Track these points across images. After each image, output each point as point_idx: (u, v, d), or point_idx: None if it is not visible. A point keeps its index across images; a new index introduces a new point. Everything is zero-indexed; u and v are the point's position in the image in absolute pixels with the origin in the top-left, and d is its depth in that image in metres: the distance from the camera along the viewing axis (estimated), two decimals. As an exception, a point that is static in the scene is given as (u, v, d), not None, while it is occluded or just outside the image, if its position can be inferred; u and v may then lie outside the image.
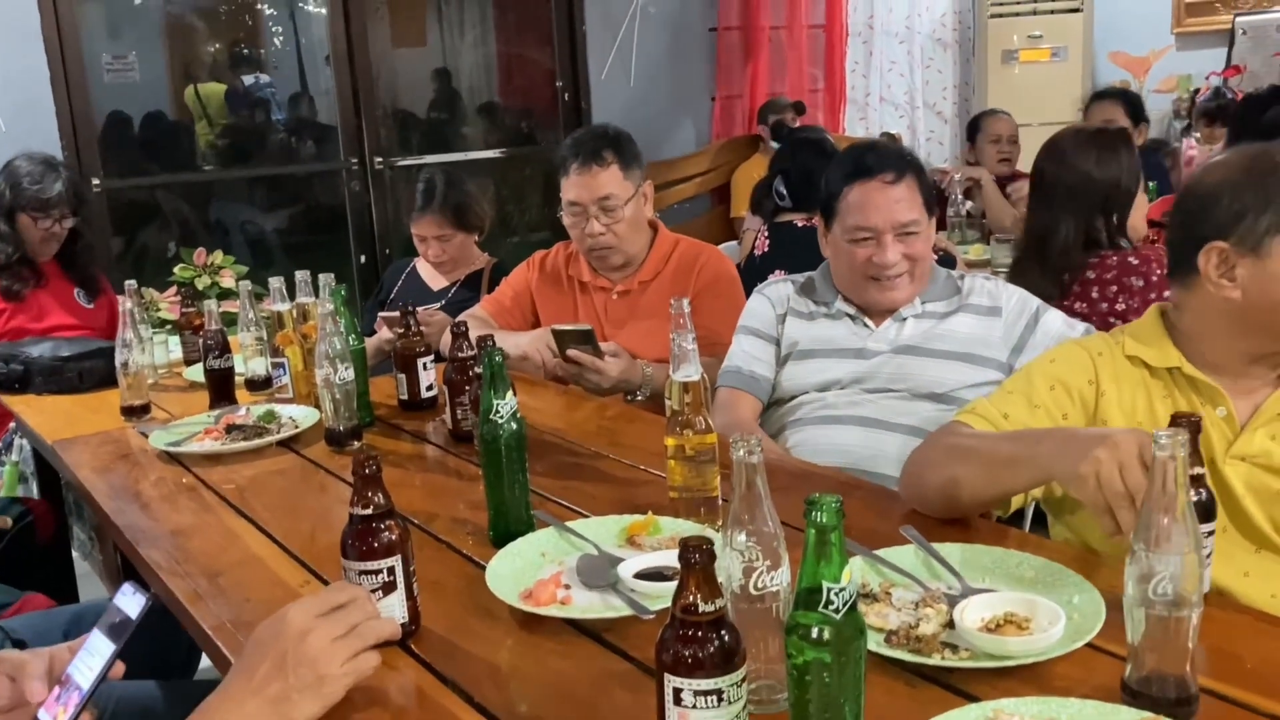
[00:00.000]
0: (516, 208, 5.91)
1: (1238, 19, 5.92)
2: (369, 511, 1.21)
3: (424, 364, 2.17)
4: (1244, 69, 5.83)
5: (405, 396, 2.18)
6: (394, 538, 1.21)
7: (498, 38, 5.82)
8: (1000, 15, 6.26)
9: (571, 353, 2.27)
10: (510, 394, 1.45)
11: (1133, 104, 3.90)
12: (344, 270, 4.99)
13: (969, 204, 3.90)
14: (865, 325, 2.11)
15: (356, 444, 1.96)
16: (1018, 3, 6.25)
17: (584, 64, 5.36)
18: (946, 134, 6.67)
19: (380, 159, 4.97)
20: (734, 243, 4.42)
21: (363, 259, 5.02)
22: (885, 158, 2.06)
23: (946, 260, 2.80)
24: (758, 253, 3.26)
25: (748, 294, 3.19)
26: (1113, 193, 2.38)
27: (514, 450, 1.46)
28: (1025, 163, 4.35)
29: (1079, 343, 1.59)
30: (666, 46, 5.61)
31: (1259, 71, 5.78)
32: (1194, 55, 6.08)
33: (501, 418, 1.44)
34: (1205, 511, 1.21)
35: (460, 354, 1.93)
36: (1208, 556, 1.22)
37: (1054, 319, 2.03)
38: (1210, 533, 1.22)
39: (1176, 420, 1.23)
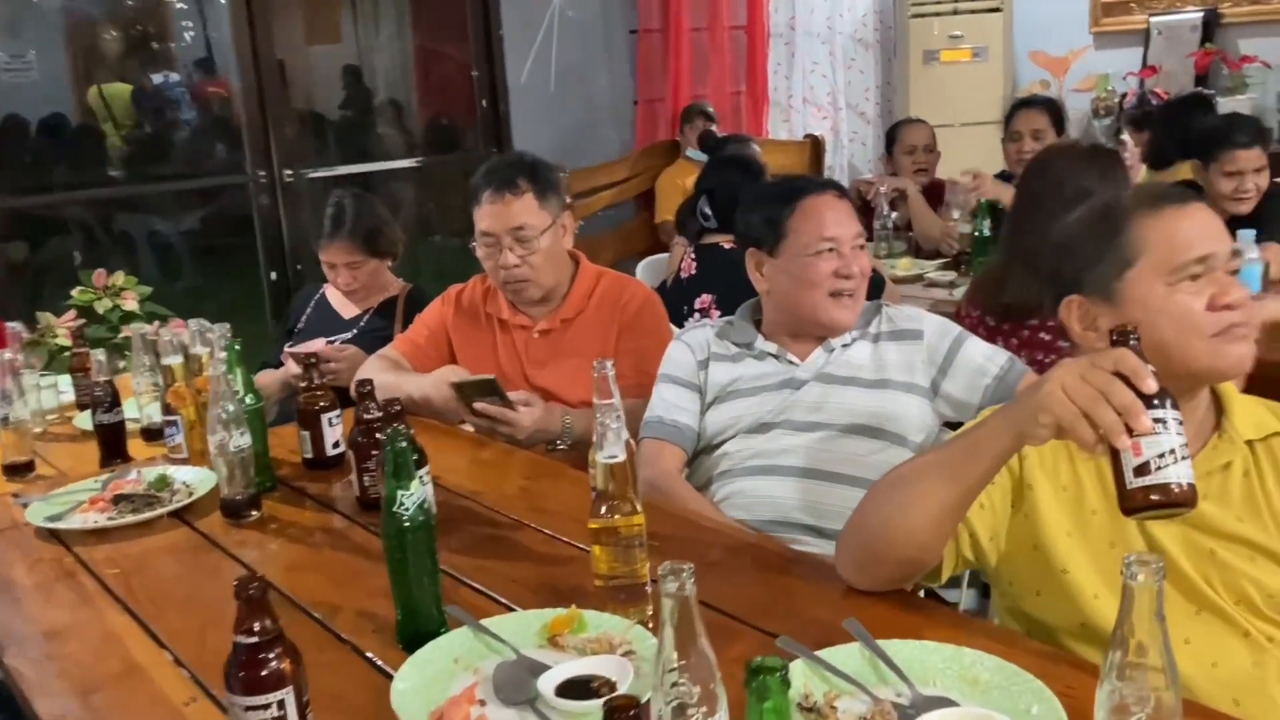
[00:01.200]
0: (437, 217, 5.74)
1: (1152, 19, 5.95)
2: (254, 640, 1.07)
3: (329, 420, 2.02)
4: (1160, 69, 5.87)
5: (310, 455, 2.03)
6: (284, 667, 1.08)
7: (415, 36, 5.64)
8: (921, 15, 6.22)
9: (479, 406, 2.14)
10: (417, 482, 1.32)
11: (1055, 112, 3.85)
12: (254, 290, 4.79)
13: (894, 214, 3.83)
14: (790, 361, 2.04)
15: (255, 514, 1.82)
16: (938, 2, 6.23)
17: (502, 68, 5.20)
18: (870, 135, 6.62)
19: (290, 171, 4.75)
20: (663, 255, 4.30)
21: (273, 276, 4.81)
22: (815, 180, 2.12)
23: (876, 282, 2.72)
24: (684, 275, 3.15)
25: (674, 315, 3.13)
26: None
27: (422, 545, 1.33)
28: (947, 168, 4.32)
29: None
30: (587, 50, 5.47)
31: (1174, 71, 5.83)
32: (1112, 54, 6.11)
33: (406, 510, 1.31)
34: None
35: (366, 415, 1.79)
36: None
37: (974, 348, 1.98)
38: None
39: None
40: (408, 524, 1.31)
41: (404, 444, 1.31)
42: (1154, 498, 1.11)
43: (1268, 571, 1.34)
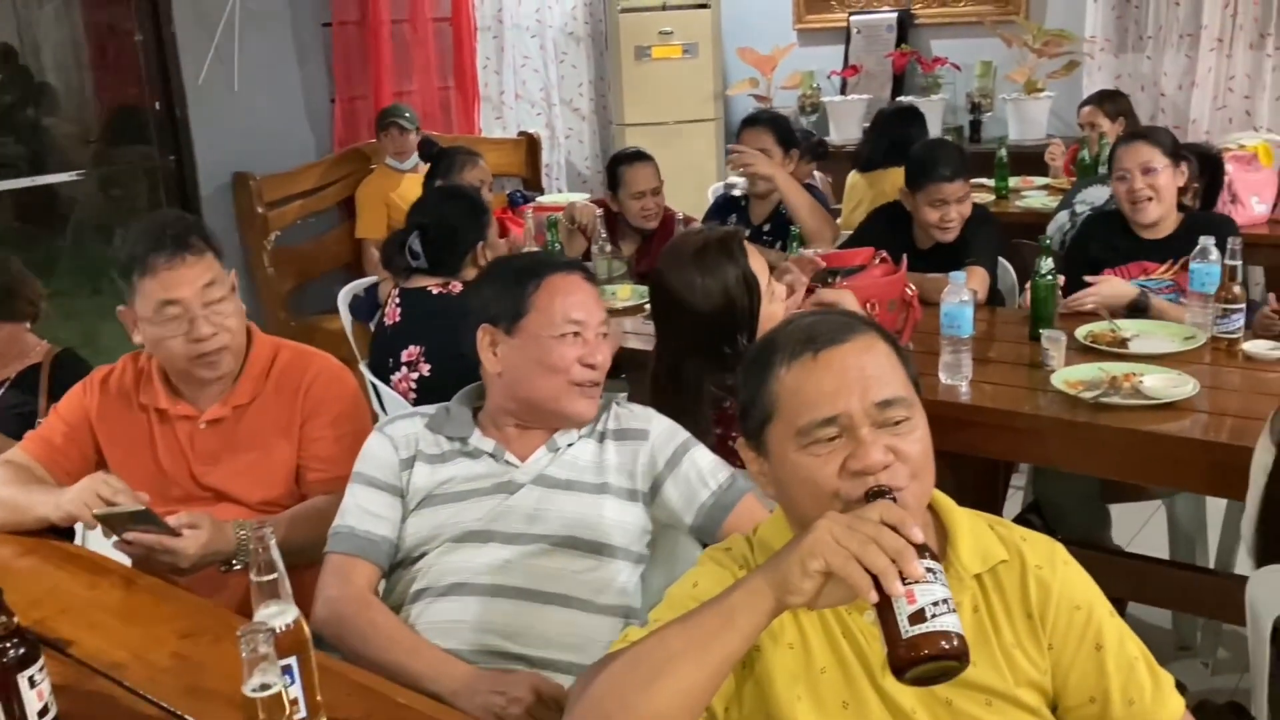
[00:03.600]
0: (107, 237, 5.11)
1: (852, 18, 6.09)
2: None
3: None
4: (861, 68, 6.02)
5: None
6: None
7: (81, 22, 4.97)
8: (630, 10, 6.10)
9: (130, 536, 1.78)
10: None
11: (781, 129, 3.78)
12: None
13: (603, 235, 3.66)
14: (508, 462, 1.81)
15: None
16: (647, -1, 6.13)
17: (176, 69, 4.64)
18: (586, 131, 6.47)
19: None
20: (365, 280, 3.94)
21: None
22: (563, 259, 1.96)
23: None
24: (388, 322, 2.83)
25: (378, 367, 2.82)
26: (728, 315, 2.17)
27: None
28: (664, 164, 4.17)
29: (710, 557, 1.35)
30: (274, 46, 4.98)
31: (874, 71, 5.99)
32: (816, 52, 6.23)
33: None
34: None
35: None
36: None
37: (700, 457, 1.80)
38: None
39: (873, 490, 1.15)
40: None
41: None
42: (932, 647, 1.03)
43: (1002, 715, 1.24)
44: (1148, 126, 3.56)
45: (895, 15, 5.95)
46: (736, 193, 3.87)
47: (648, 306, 3.42)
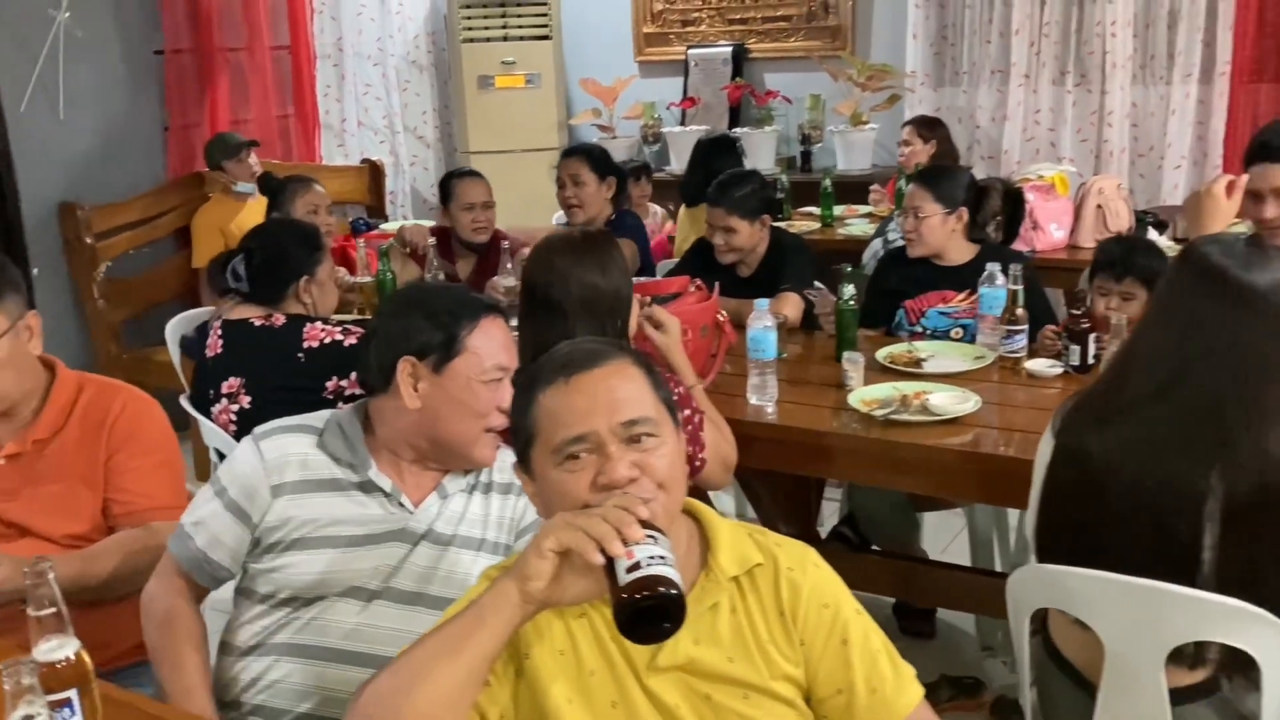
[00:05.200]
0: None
1: (690, 51, 6.29)
2: None
3: None
4: (699, 100, 6.21)
5: None
6: None
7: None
8: (472, 40, 6.17)
9: None
10: None
11: (596, 159, 3.93)
12: None
13: (435, 262, 3.71)
14: (402, 505, 1.73)
15: None
16: (488, 29, 6.20)
17: (-7, 95, 4.51)
18: (431, 159, 6.51)
19: None
20: (199, 311, 3.89)
21: None
22: (483, 300, 1.86)
23: None
24: (209, 353, 2.81)
25: (199, 399, 2.80)
26: (619, 301, 2.27)
27: None
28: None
29: (487, 575, 1.42)
30: (102, 73, 4.88)
31: (711, 103, 6.19)
32: (656, 84, 6.39)
33: None
34: None
35: None
36: None
37: None
38: None
39: None
40: None
41: None
42: (647, 588, 1.13)
43: (760, 707, 1.35)
44: (937, 167, 3.76)
45: (730, 49, 6.16)
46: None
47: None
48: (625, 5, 6.45)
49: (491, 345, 1.76)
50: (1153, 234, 4.07)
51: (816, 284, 3.41)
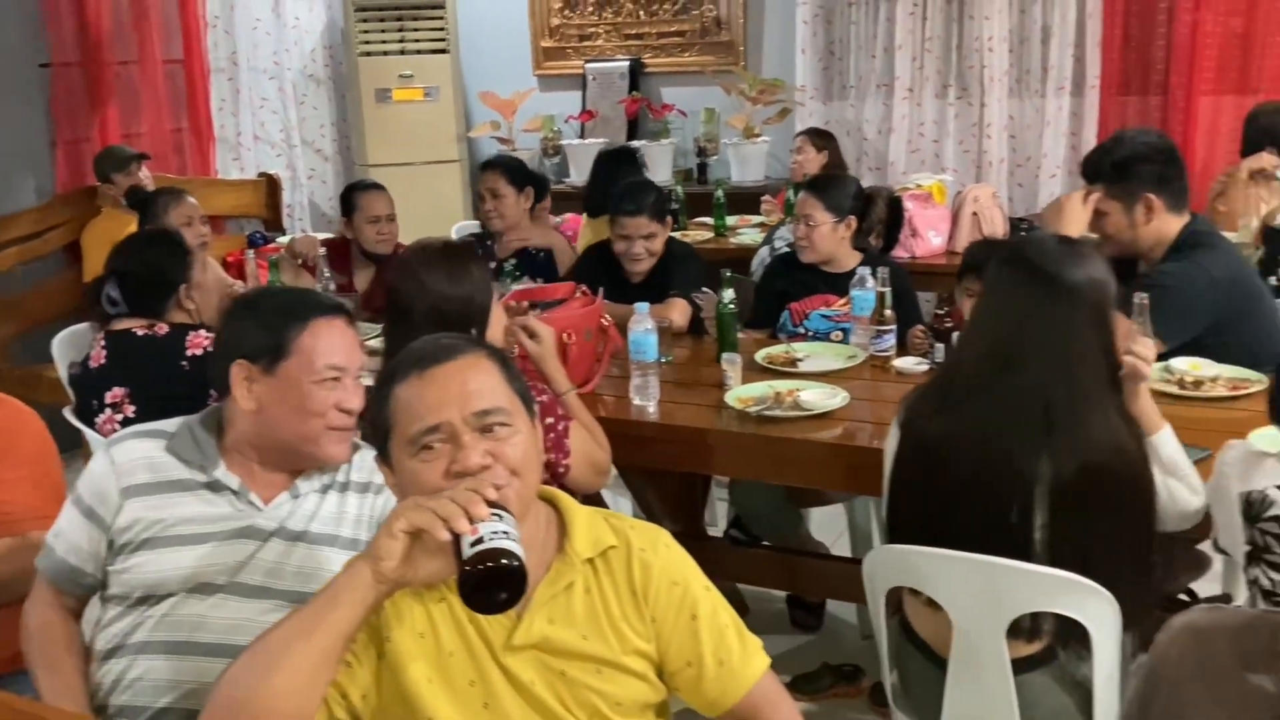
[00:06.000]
0: None
1: (588, 65, 6.38)
2: None
3: None
4: (597, 113, 6.31)
5: None
6: None
7: None
8: (370, 54, 6.19)
9: None
10: None
11: (513, 170, 4.02)
12: None
13: (327, 273, 3.74)
14: (251, 503, 1.78)
15: None
16: (385, 42, 6.22)
17: None
18: (329, 172, 6.50)
19: None
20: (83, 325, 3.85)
21: None
22: (326, 300, 1.91)
23: None
24: (93, 365, 2.81)
25: (83, 410, 2.79)
26: (470, 309, 2.33)
27: None
28: (411, 208, 4.32)
29: None
30: (-14, 86, 4.81)
31: (609, 116, 6.29)
32: (555, 97, 6.47)
33: None
34: None
35: None
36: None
37: None
38: None
39: None
40: None
41: None
42: (489, 559, 1.20)
43: (613, 681, 1.43)
44: (827, 177, 3.89)
45: (627, 64, 6.27)
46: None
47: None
48: (523, 19, 6.52)
49: (322, 345, 1.78)
50: (1026, 240, 4.27)
51: (704, 289, 3.52)
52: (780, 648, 3.14)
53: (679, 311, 3.37)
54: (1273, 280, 3.28)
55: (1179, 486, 1.93)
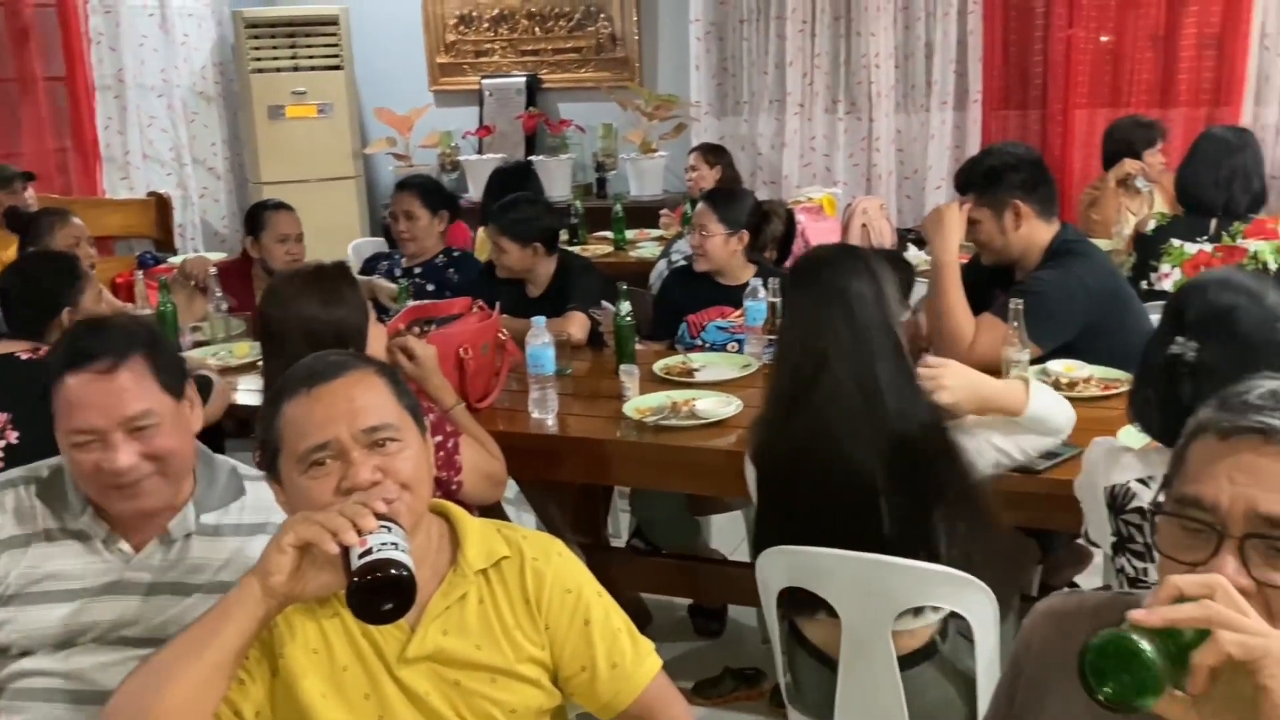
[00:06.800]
0: None
1: (484, 81, 6.39)
2: None
3: None
4: (494, 129, 6.32)
5: None
6: None
7: None
8: (261, 71, 6.12)
9: None
10: None
11: (427, 192, 4.02)
12: None
13: (219, 293, 3.68)
14: (120, 550, 1.66)
15: None
16: (278, 59, 6.15)
17: None
18: (222, 191, 6.40)
19: None
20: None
21: None
22: (105, 339, 1.61)
23: None
24: (-28, 391, 2.74)
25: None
26: (343, 330, 2.32)
27: None
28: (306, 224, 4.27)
29: None
30: None
31: (507, 131, 6.31)
32: (452, 113, 6.48)
33: None
34: None
35: None
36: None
37: None
38: None
39: None
40: None
41: None
42: (380, 570, 1.21)
43: (507, 689, 1.45)
44: (725, 190, 3.96)
45: (524, 80, 6.30)
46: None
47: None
48: (418, 36, 6.51)
49: (66, 407, 1.58)
50: (914, 250, 4.40)
51: (604, 303, 3.56)
52: (683, 654, 3.19)
53: (577, 325, 3.40)
54: (1144, 285, 3.45)
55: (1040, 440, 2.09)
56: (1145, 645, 0.91)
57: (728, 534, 3.56)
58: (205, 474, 1.72)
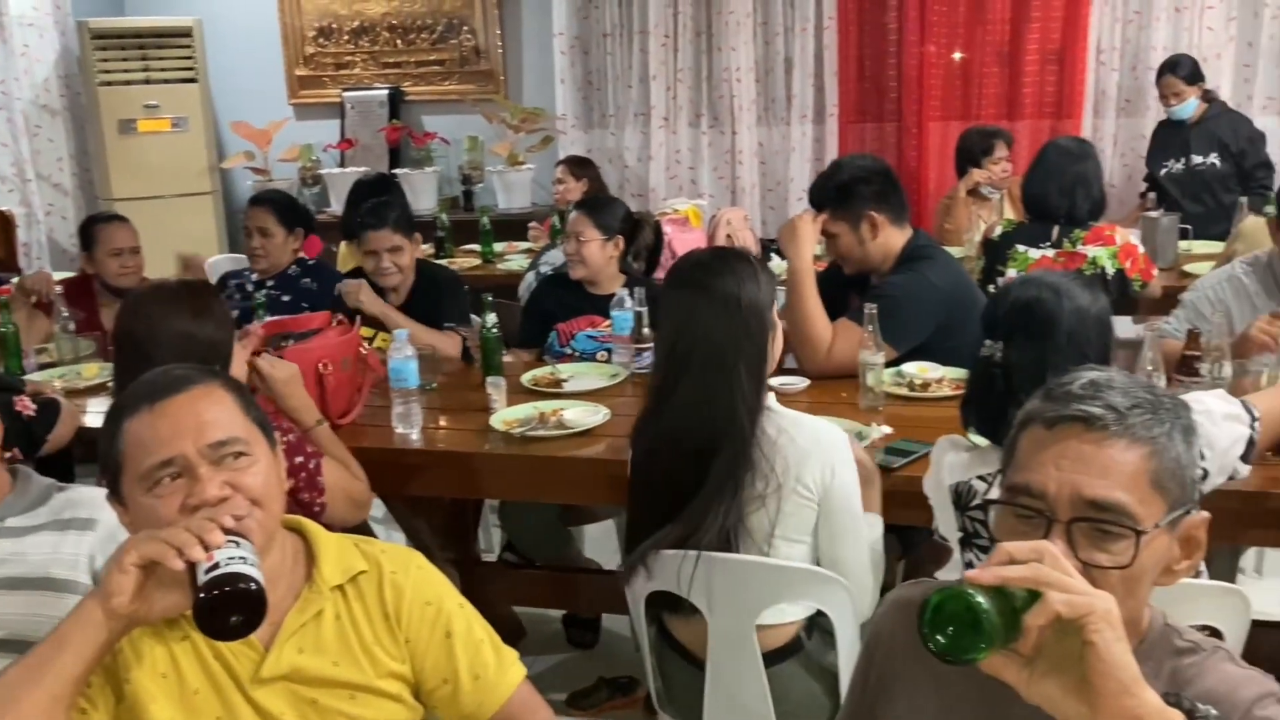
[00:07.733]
0: None
1: (345, 94, 6.29)
2: None
3: None
4: (357, 142, 6.22)
5: None
6: None
7: None
8: (111, 84, 5.90)
9: None
10: None
11: (282, 208, 3.92)
12: None
13: (65, 313, 3.54)
14: None
15: None
16: (128, 72, 5.94)
17: None
18: (69, 207, 6.14)
19: None
20: None
21: None
22: None
23: None
24: None
25: None
26: (215, 346, 2.24)
27: None
28: (158, 242, 4.13)
29: None
30: None
31: (370, 144, 6.22)
32: (312, 126, 6.36)
33: None
34: None
35: None
36: None
37: None
38: None
39: None
40: None
41: None
42: (226, 584, 1.17)
43: (367, 705, 1.42)
44: (598, 198, 3.96)
45: (387, 92, 6.22)
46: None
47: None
48: (275, 48, 6.37)
49: None
50: (776, 260, 4.49)
51: (472, 315, 3.53)
52: (558, 665, 3.18)
53: (451, 344, 3.38)
54: (990, 289, 3.59)
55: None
56: (980, 599, 0.97)
57: (601, 544, 3.56)
58: (20, 489, 1.79)
